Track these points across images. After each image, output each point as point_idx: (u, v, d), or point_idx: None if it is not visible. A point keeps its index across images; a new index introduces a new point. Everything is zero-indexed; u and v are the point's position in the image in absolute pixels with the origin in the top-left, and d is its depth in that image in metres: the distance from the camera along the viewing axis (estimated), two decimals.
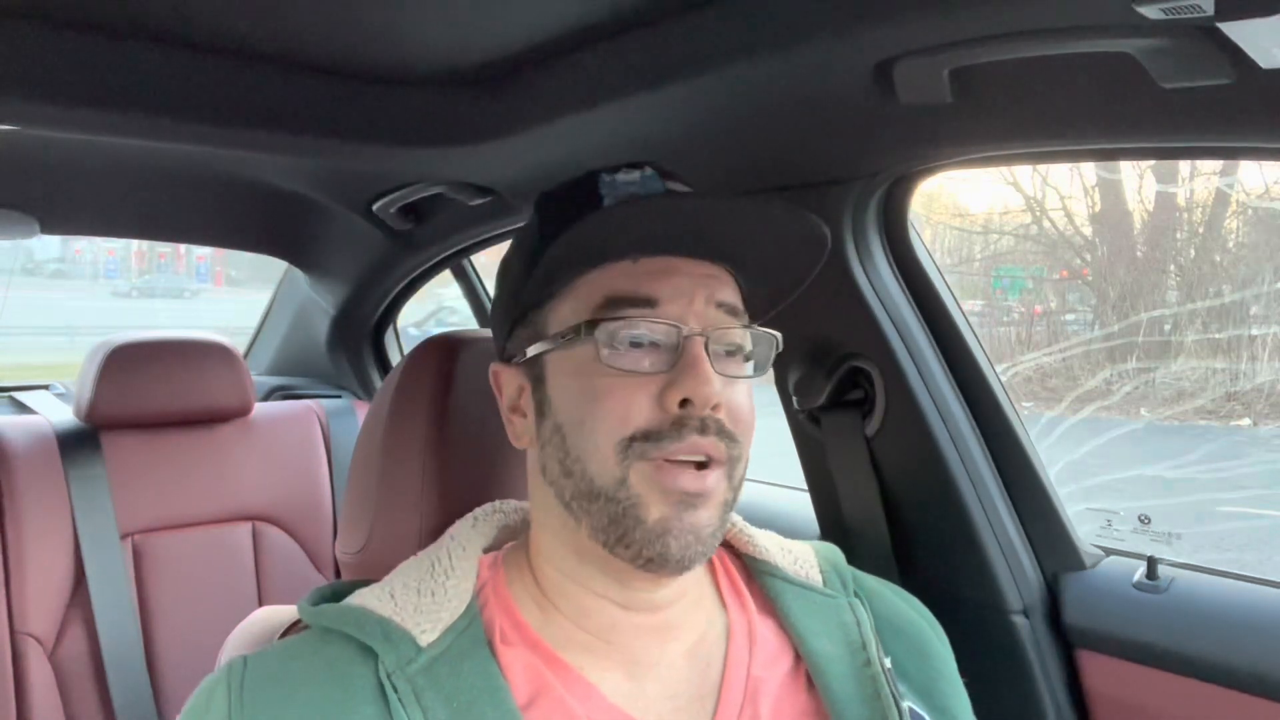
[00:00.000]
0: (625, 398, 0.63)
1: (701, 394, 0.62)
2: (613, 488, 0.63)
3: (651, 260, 0.66)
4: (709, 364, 0.63)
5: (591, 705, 0.63)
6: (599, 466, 0.63)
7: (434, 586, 0.66)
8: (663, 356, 0.64)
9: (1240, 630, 0.98)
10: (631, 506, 0.62)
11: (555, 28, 0.99)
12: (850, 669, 0.70)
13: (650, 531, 0.62)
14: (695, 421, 0.62)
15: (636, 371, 0.63)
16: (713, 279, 0.68)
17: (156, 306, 10.56)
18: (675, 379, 0.63)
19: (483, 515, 0.75)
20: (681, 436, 0.62)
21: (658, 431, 0.62)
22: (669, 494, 0.62)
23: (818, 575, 0.77)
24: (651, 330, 0.64)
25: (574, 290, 0.67)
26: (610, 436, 0.63)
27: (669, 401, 0.62)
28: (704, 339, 0.64)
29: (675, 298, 0.65)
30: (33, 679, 1.43)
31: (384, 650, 0.62)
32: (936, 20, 0.77)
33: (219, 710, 0.60)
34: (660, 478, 0.62)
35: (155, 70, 1.01)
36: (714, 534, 0.64)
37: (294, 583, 1.69)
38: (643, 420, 0.63)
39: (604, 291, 0.66)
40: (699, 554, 0.63)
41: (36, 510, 1.49)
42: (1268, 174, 3.98)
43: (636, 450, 0.62)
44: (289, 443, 1.78)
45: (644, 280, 0.66)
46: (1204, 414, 3.92)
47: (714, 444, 0.63)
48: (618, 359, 0.64)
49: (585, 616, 0.67)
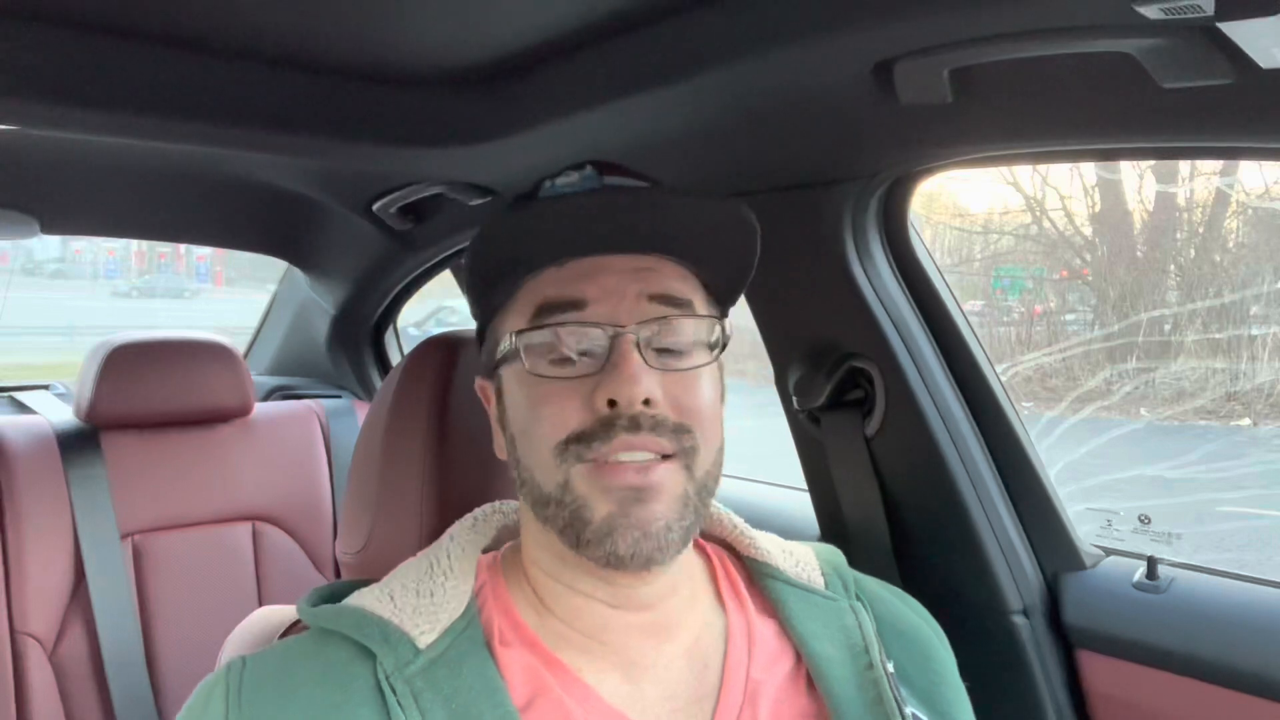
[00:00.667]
0: (559, 403, 0.63)
1: (625, 393, 0.61)
2: (558, 492, 0.63)
3: (579, 261, 0.66)
4: (637, 361, 0.62)
5: (589, 707, 0.63)
6: (543, 474, 0.64)
7: (433, 587, 0.66)
8: (595, 359, 0.64)
9: (1240, 630, 0.98)
10: (579, 509, 0.62)
11: (555, 28, 0.99)
12: (852, 672, 0.70)
13: (598, 531, 0.62)
14: (623, 420, 0.62)
15: (565, 376, 0.64)
16: (647, 271, 0.67)
17: (156, 306, 10.55)
18: (602, 380, 0.63)
19: (482, 516, 0.75)
20: (610, 437, 0.62)
21: (589, 433, 0.62)
22: (611, 491, 0.62)
23: (819, 578, 0.77)
24: (578, 334, 0.64)
25: (515, 301, 0.68)
26: (547, 443, 0.63)
27: (597, 402, 0.62)
28: (634, 336, 0.63)
29: (604, 296, 0.65)
30: (33, 679, 1.43)
31: (382, 652, 0.62)
32: (936, 20, 0.77)
33: (217, 711, 0.60)
34: (600, 477, 0.62)
35: (155, 70, 1.01)
36: (668, 527, 0.62)
37: (294, 583, 1.69)
38: (575, 424, 0.63)
39: (535, 300, 0.66)
40: (653, 549, 0.62)
41: (36, 510, 1.49)
42: (1268, 174, 3.98)
43: (573, 453, 0.62)
44: (289, 443, 1.78)
45: (571, 283, 0.66)
46: (1204, 414, 3.91)
47: (649, 439, 0.62)
48: (545, 367, 0.64)
49: (577, 617, 0.67)
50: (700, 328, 0.67)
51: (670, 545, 0.63)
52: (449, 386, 0.82)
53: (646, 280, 0.66)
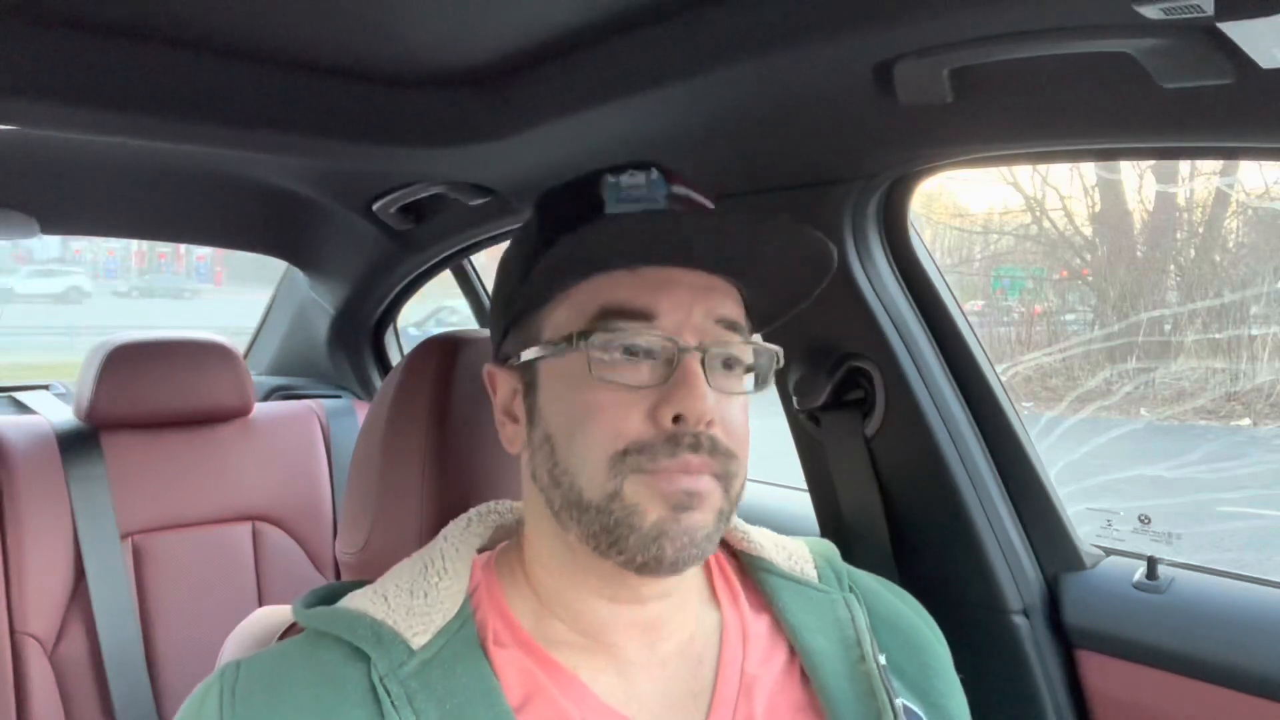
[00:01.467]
0: (617, 412, 0.62)
1: (695, 410, 0.61)
2: (604, 500, 0.62)
3: (650, 270, 0.65)
4: (704, 380, 0.62)
5: (585, 706, 0.63)
6: (589, 480, 0.62)
7: (426, 588, 0.66)
8: (657, 371, 0.63)
9: (1240, 630, 0.98)
10: (626, 515, 0.61)
11: (555, 27, 0.99)
12: (845, 665, 0.70)
13: (645, 536, 0.61)
14: (689, 438, 0.61)
15: (629, 385, 0.62)
16: (712, 291, 0.67)
17: (156, 306, 10.56)
18: (669, 394, 0.62)
19: (477, 516, 0.75)
20: (675, 454, 0.61)
21: (651, 445, 0.61)
22: (668, 495, 0.61)
23: (813, 571, 0.77)
24: (646, 343, 0.63)
25: (570, 296, 0.66)
26: (602, 451, 0.62)
27: (662, 417, 0.61)
28: (700, 354, 0.63)
29: (673, 310, 0.64)
30: (33, 679, 1.43)
31: (376, 653, 0.61)
32: (936, 20, 0.77)
33: (211, 716, 0.60)
34: (655, 480, 0.61)
35: (155, 70, 1.01)
36: (708, 538, 0.63)
37: (294, 583, 1.69)
38: (634, 434, 0.62)
39: (600, 301, 0.64)
40: (693, 557, 0.62)
41: (36, 510, 1.49)
42: (1268, 174, 3.98)
43: (631, 464, 0.61)
44: (289, 443, 1.78)
45: (642, 291, 0.64)
46: (1204, 414, 3.91)
47: (707, 461, 0.62)
48: (610, 371, 0.63)
49: (577, 618, 0.67)
50: (758, 355, 0.68)
51: (704, 555, 0.63)
52: (449, 386, 0.82)
53: (711, 301, 0.66)
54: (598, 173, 0.68)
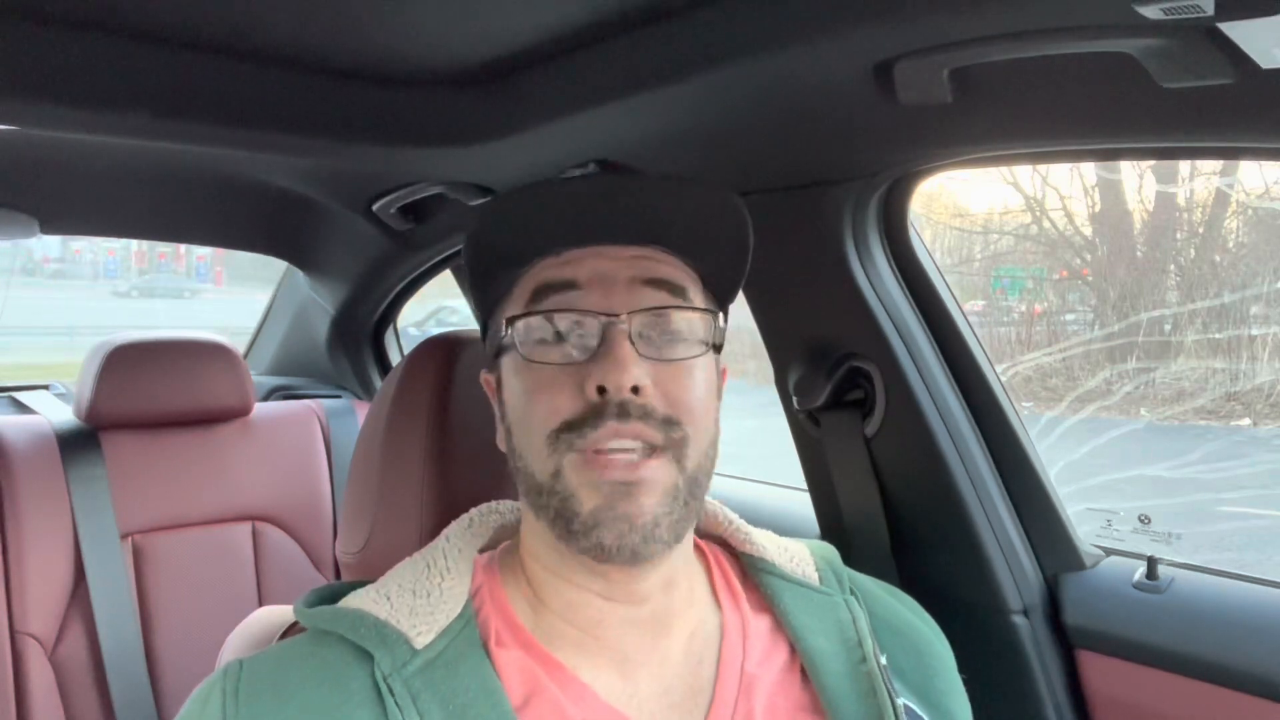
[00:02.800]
0: (552, 390, 0.63)
1: (613, 379, 0.61)
2: (549, 481, 0.63)
3: (574, 252, 0.67)
4: (627, 349, 0.62)
5: (585, 705, 0.63)
6: (536, 462, 0.64)
7: (429, 588, 0.66)
8: (587, 346, 0.64)
9: (1240, 630, 0.98)
10: (568, 499, 0.62)
11: (555, 28, 0.99)
12: (846, 666, 0.71)
13: (585, 523, 0.62)
14: (613, 407, 0.61)
15: (558, 363, 0.64)
16: (643, 259, 0.68)
17: (156, 306, 10.55)
18: (592, 367, 0.63)
19: (479, 516, 0.75)
20: (599, 424, 0.61)
21: (580, 420, 0.62)
22: (600, 485, 0.62)
23: (814, 573, 0.77)
24: (569, 319, 0.65)
25: (514, 290, 0.69)
26: (540, 431, 0.63)
27: (588, 389, 0.62)
28: (626, 325, 0.63)
29: (598, 280, 0.65)
30: (33, 679, 1.43)
31: (380, 653, 0.62)
32: (936, 20, 0.77)
33: (214, 714, 0.60)
34: (590, 469, 0.62)
35: (155, 70, 1.01)
36: (655, 521, 0.62)
37: (294, 583, 1.69)
38: (567, 411, 0.63)
39: (531, 286, 0.67)
40: (638, 542, 0.61)
41: (36, 510, 1.49)
42: (1268, 174, 3.98)
43: (564, 442, 0.62)
44: (289, 443, 1.78)
45: (564, 267, 0.66)
46: (1204, 414, 3.91)
47: (640, 428, 0.62)
48: (540, 352, 0.64)
49: (573, 611, 0.67)
50: (694, 320, 0.67)
51: (657, 539, 0.62)
52: (449, 386, 0.82)
53: (641, 266, 0.67)
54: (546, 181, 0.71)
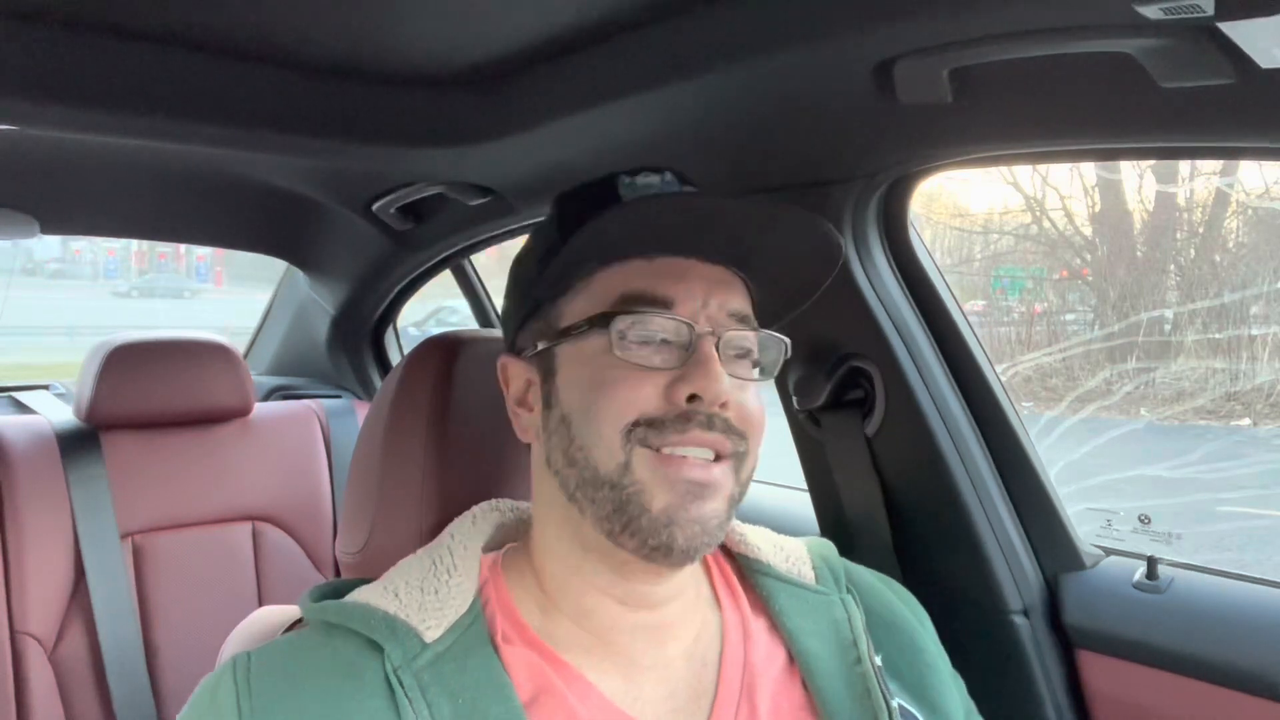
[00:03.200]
0: (632, 386, 0.64)
1: (711, 390, 0.63)
2: (616, 474, 0.63)
3: (666, 261, 0.67)
4: (719, 363, 0.64)
5: (591, 705, 0.63)
6: (603, 453, 0.64)
7: (437, 584, 0.66)
8: (674, 354, 0.65)
9: (1240, 630, 0.98)
10: (636, 494, 0.63)
11: (555, 28, 0.99)
12: (841, 667, 0.71)
13: (655, 520, 0.62)
14: (701, 416, 0.63)
15: (647, 366, 0.64)
16: (725, 285, 0.69)
17: (156, 306, 10.55)
18: (685, 374, 0.64)
19: (481, 513, 0.75)
20: (686, 429, 0.63)
21: (661, 420, 0.63)
22: (675, 483, 0.62)
23: (810, 572, 0.77)
24: (664, 327, 0.65)
25: (589, 286, 0.68)
26: (615, 423, 0.63)
27: (677, 395, 0.63)
28: (715, 339, 0.65)
29: (688, 299, 0.66)
30: (33, 679, 1.43)
31: (390, 645, 0.62)
32: (936, 20, 0.77)
33: (227, 704, 0.60)
34: (665, 467, 0.63)
35: (155, 70, 1.01)
36: (720, 526, 0.64)
37: (294, 583, 1.69)
38: (648, 408, 0.63)
39: (620, 288, 0.66)
40: (704, 545, 0.63)
41: (36, 510, 1.49)
42: (1268, 174, 3.98)
43: (639, 435, 0.63)
44: (289, 443, 1.78)
45: (659, 280, 0.66)
46: (1204, 414, 3.91)
47: (719, 439, 0.64)
48: (630, 352, 0.64)
49: (586, 616, 0.67)
50: (769, 343, 0.70)
51: (715, 542, 0.64)
52: (449, 386, 0.82)
53: (723, 293, 0.68)
54: (613, 175, 0.71)
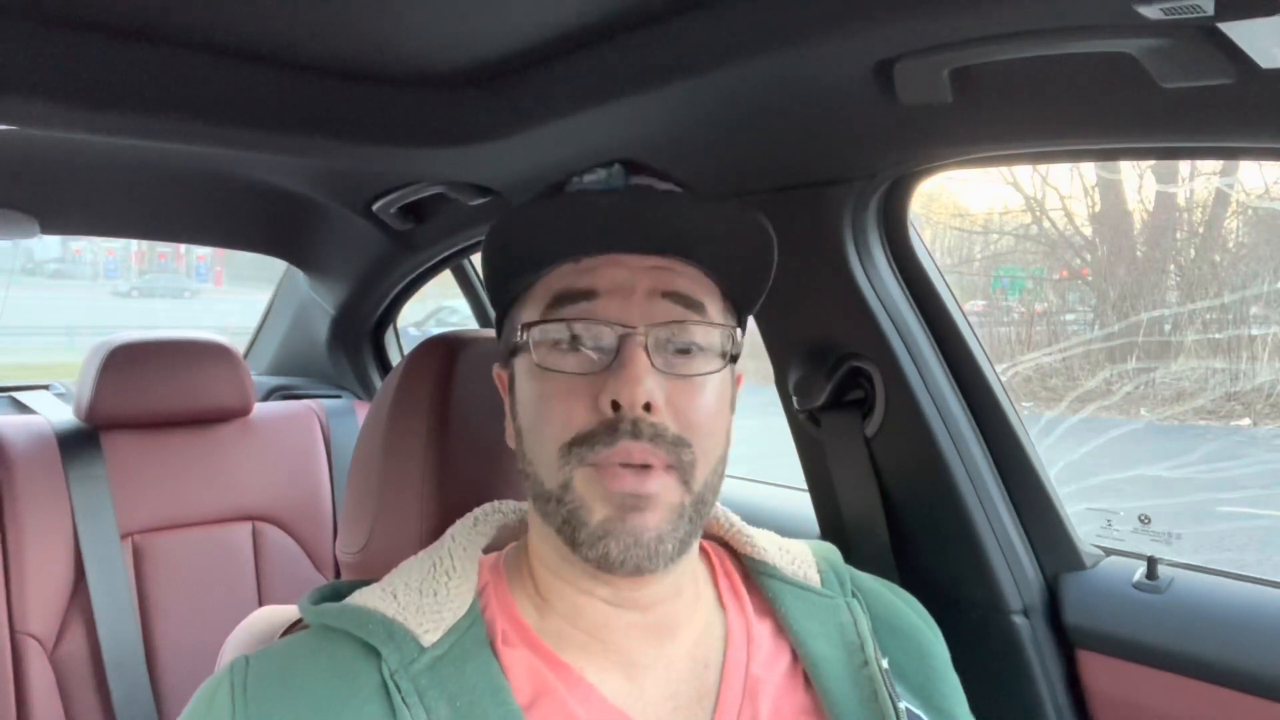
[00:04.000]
0: (566, 401, 0.63)
1: (627, 395, 0.60)
2: (559, 491, 0.63)
3: (596, 258, 0.66)
4: (643, 362, 0.62)
5: (591, 707, 0.63)
6: (546, 471, 0.64)
7: (436, 586, 0.66)
8: (603, 357, 0.63)
9: (1240, 630, 0.98)
10: (577, 509, 0.62)
11: (555, 28, 0.99)
12: (848, 670, 0.70)
13: (593, 534, 0.62)
14: (626, 424, 0.61)
15: (573, 373, 0.63)
16: (662, 270, 0.66)
17: (156, 306, 10.55)
18: (606, 380, 0.62)
19: (483, 515, 0.75)
20: (613, 441, 0.61)
21: (592, 435, 0.62)
22: (610, 497, 0.61)
23: (815, 575, 0.77)
24: (587, 329, 0.64)
25: (532, 292, 0.68)
26: (553, 442, 0.63)
27: (601, 404, 0.62)
28: (643, 337, 0.62)
29: (616, 290, 0.64)
30: (33, 679, 1.43)
31: (387, 649, 0.62)
32: (936, 20, 0.77)
33: (222, 710, 0.60)
34: (602, 480, 0.62)
35: (155, 70, 1.01)
36: (660, 538, 0.62)
37: (294, 583, 1.69)
38: (579, 424, 0.62)
39: (551, 291, 0.66)
40: (643, 557, 0.61)
41: (36, 510, 1.49)
42: (1268, 174, 3.98)
43: (576, 455, 0.62)
44: (289, 443, 1.78)
45: (583, 274, 0.66)
46: (1204, 414, 3.91)
47: (647, 450, 0.61)
48: (555, 360, 0.64)
49: (578, 615, 0.67)
50: (711, 334, 0.66)
51: (662, 554, 0.62)
52: (449, 386, 0.82)
53: (659, 277, 0.66)
54: (570, 174, 0.70)
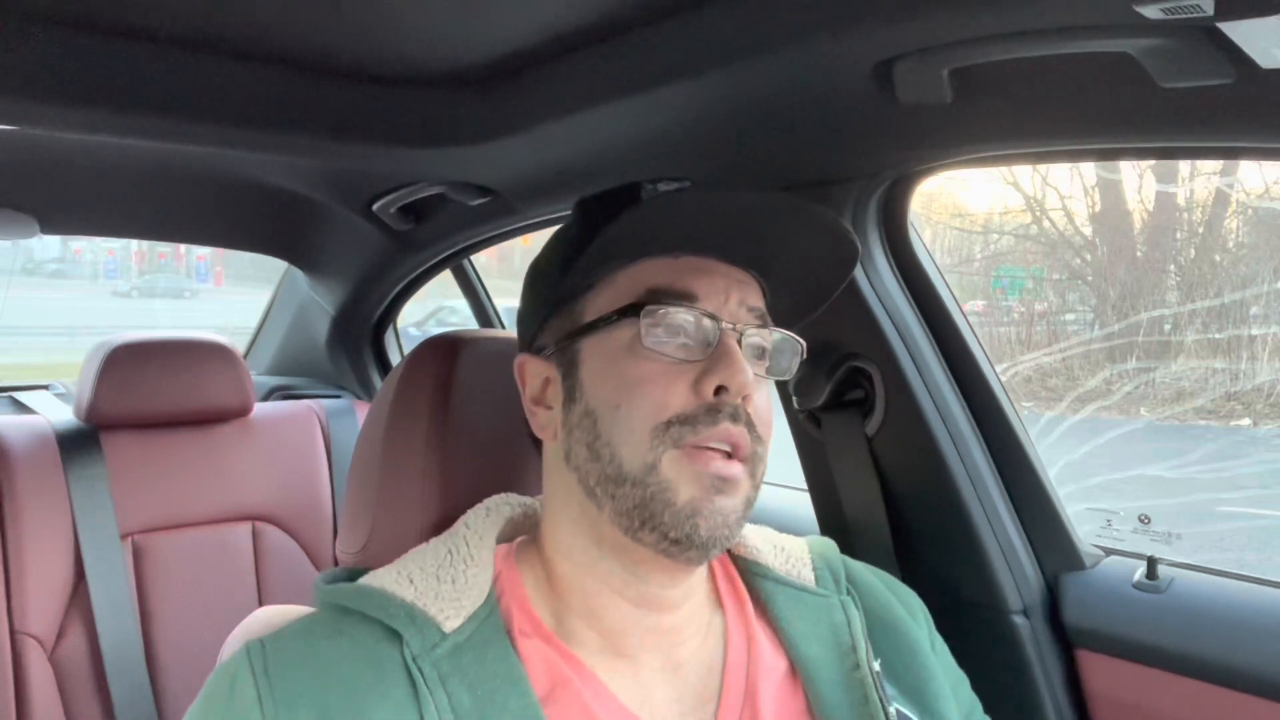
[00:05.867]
0: (663, 383, 0.64)
1: (736, 381, 0.64)
2: (642, 473, 0.63)
3: (689, 259, 0.69)
4: (742, 355, 0.65)
5: (603, 704, 0.64)
6: (631, 450, 0.64)
7: (454, 574, 0.66)
8: (698, 348, 0.66)
9: (1240, 630, 0.98)
10: (661, 491, 0.63)
11: (555, 28, 0.99)
12: (839, 673, 0.71)
13: (680, 513, 0.63)
14: (729, 408, 0.64)
15: (674, 358, 0.65)
16: (744, 284, 0.70)
17: (156, 306, 10.55)
18: (711, 367, 0.65)
19: (494, 505, 0.75)
20: (715, 422, 0.63)
21: (693, 416, 0.64)
22: (700, 477, 0.63)
23: (810, 573, 0.77)
24: (691, 321, 0.66)
25: (613, 283, 0.69)
26: (647, 421, 0.64)
27: (705, 388, 0.64)
28: (737, 334, 0.66)
29: (711, 295, 0.68)
30: (33, 679, 1.43)
31: (409, 634, 0.62)
32: (936, 20, 0.77)
33: (246, 695, 0.59)
34: (690, 462, 0.63)
35: (155, 70, 1.01)
36: (739, 521, 0.65)
37: (294, 583, 1.69)
38: (679, 406, 0.64)
39: (645, 284, 0.68)
40: (724, 538, 0.64)
41: (36, 510, 1.49)
42: (1268, 174, 3.98)
43: (672, 435, 0.63)
44: (289, 443, 1.78)
45: (684, 276, 0.68)
46: (1204, 414, 3.91)
47: (743, 434, 0.64)
48: (659, 343, 0.65)
49: (597, 618, 0.67)
50: (785, 344, 0.71)
51: (733, 537, 0.65)
52: (449, 386, 0.82)
53: (743, 291, 0.70)
54: (637, 182, 0.72)
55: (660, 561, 0.65)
